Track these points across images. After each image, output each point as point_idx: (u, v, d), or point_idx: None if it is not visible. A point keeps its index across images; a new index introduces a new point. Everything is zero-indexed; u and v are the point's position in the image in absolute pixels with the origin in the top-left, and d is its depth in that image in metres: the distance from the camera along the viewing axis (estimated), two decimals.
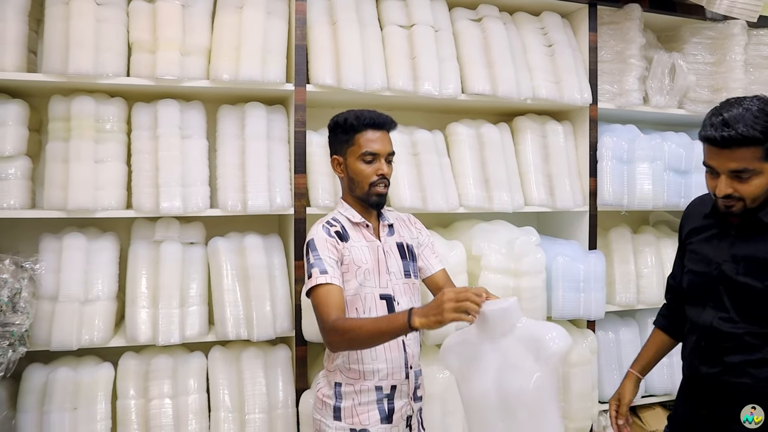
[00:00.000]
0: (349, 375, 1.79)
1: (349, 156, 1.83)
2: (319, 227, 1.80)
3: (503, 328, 1.54)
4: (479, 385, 1.55)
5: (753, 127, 1.48)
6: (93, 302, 2.12)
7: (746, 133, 1.48)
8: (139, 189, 2.17)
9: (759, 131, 1.48)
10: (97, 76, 2.10)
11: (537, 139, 2.70)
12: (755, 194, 1.55)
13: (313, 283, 1.69)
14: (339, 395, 1.79)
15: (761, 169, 1.52)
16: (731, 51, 2.89)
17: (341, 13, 2.37)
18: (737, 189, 1.55)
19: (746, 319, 1.60)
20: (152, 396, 2.14)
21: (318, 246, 1.75)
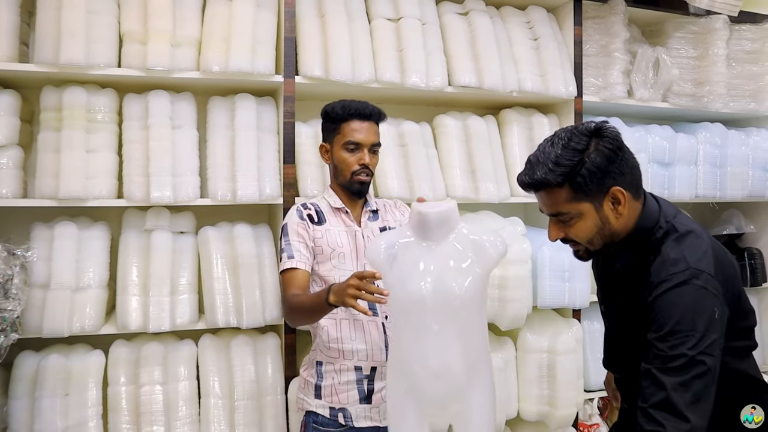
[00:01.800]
0: (329, 354, 1.85)
1: (335, 144, 1.92)
2: (293, 210, 1.93)
3: (442, 231, 1.56)
4: (416, 287, 1.52)
5: (550, 171, 1.35)
6: (84, 290, 2.14)
7: (542, 178, 1.36)
8: (130, 178, 2.20)
9: (558, 175, 1.35)
10: (88, 66, 2.12)
11: (523, 131, 2.74)
12: (585, 237, 1.42)
13: (281, 267, 1.85)
14: (320, 374, 1.86)
15: (579, 210, 1.39)
16: (714, 45, 2.94)
17: (330, 6, 2.40)
18: (567, 233, 1.44)
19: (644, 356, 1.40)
20: (143, 383, 2.16)
21: (289, 230, 1.88)
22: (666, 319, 1.28)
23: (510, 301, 2.40)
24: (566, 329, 2.64)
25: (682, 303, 1.29)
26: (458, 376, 1.54)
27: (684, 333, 1.26)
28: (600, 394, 2.81)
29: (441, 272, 1.52)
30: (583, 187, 1.35)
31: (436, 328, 1.52)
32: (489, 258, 1.56)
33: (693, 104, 2.96)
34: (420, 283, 1.52)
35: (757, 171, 3.05)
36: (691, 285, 1.30)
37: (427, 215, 1.55)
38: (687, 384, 1.23)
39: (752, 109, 3.11)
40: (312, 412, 1.85)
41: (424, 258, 1.55)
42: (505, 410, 2.50)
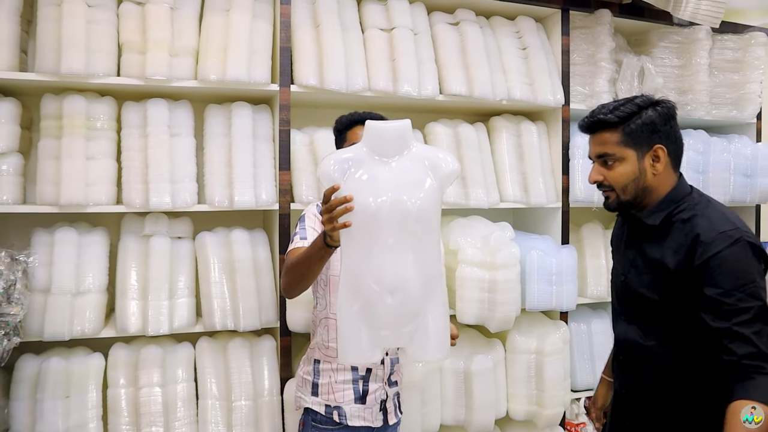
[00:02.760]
0: (327, 353, 1.90)
1: None
2: (312, 205, 1.99)
3: (397, 147, 1.53)
4: (372, 200, 1.48)
5: (611, 112, 1.56)
6: (84, 294, 2.18)
7: (602, 117, 1.57)
8: (129, 185, 2.25)
9: (616, 116, 1.55)
10: (88, 75, 2.16)
11: (512, 138, 2.81)
12: (621, 182, 1.58)
13: (292, 246, 1.84)
14: (317, 372, 1.91)
15: (623, 155, 1.56)
16: (696, 55, 3.02)
17: (324, 17, 2.45)
18: (605, 176, 1.60)
19: (652, 333, 1.59)
20: (142, 385, 2.21)
21: (307, 218, 1.91)
22: (727, 277, 1.41)
23: (499, 304, 2.46)
24: (554, 331, 2.71)
25: (739, 261, 1.43)
26: (413, 293, 1.50)
27: (748, 287, 1.41)
28: (586, 393, 2.88)
29: (397, 186, 1.49)
30: (632, 135, 1.54)
31: (391, 242, 1.48)
32: (443, 174, 1.53)
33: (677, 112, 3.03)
34: (375, 196, 1.48)
35: (738, 177, 3.13)
36: (742, 242, 1.45)
37: (384, 129, 1.53)
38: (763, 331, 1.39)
39: (734, 117, 3.20)
40: (309, 410, 1.90)
41: (378, 172, 1.52)
42: (494, 409, 2.56)
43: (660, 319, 1.57)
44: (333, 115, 2.73)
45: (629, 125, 1.54)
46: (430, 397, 2.47)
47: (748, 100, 3.18)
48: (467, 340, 2.70)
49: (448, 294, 2.52)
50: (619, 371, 1.75)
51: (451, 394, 2.53)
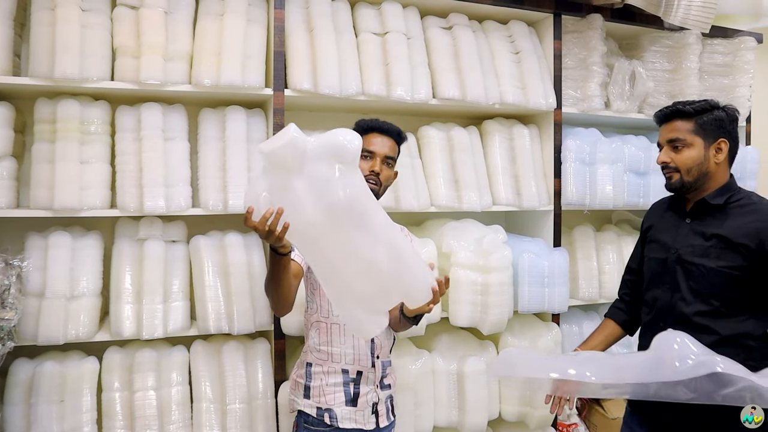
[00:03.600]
0: (319, 356, 1.94)
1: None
2: None
3: (297, 157, 1.50)
4: (300, 215, 1.51)
5: (686, 104, 1.83)
6: (78, 298, 2.19)
7: (680, 107, 1.84)
8: (123, 189, 2.25)
9: (691, 108, 1.82)
10: (82, 80, 2.16)
11: (504, 141, 2.84)
12: (687, 165, 1.83)
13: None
14: (309, 375, 1.95)
15: (692, 141, 1.82)
16: (687, 59, 3.05)
17: (318, 21, 2.46)
18: (673, 159, 1.85)
19: (698, 298, 1.79)
20: (136, 388, 2.22)
21: None
22: None
23: (492, 306, 2.48)
24: (546, 333, 2.74)
25: None
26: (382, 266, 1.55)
27: None
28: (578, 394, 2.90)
29: (317, 191, 1.50)
30: (703, 126, 1.81)
31: (338, 237, 1.52)
32: (351, 154, 1.51)
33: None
34: (302, 210, 1.50)
35: None
36: None
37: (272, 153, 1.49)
38: None
39: None
40: (302, 412, 1.94)
41: (297, 187, 1.51)
42: (487, 411, 2.59)
43: (712, 286, 1.78)
44: (327, 119, 2.78)
45: (702, 117, 1.81)
46: (423, 399, 2.49)
47: (738, 104, 3.21)
48: (460, 342, 2.72)
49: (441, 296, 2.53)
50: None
51: (444, 395, 2.55)
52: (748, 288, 1.76)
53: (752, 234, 1.74)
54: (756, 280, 1.75)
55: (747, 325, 1.76)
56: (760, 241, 1.73)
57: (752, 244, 1.74)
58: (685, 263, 1.84)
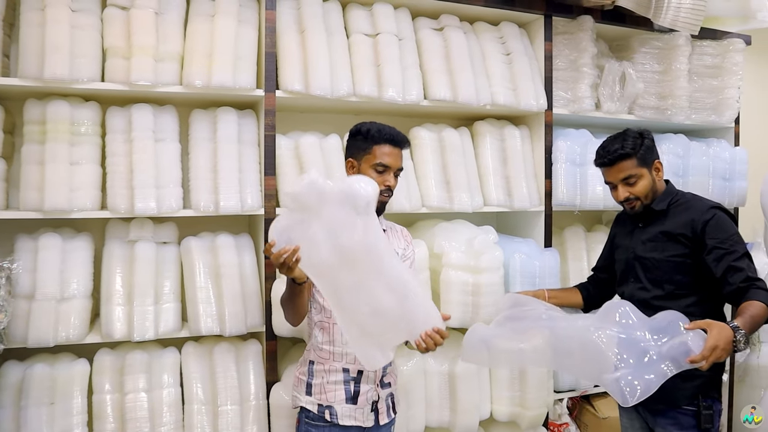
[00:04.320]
0: (321, 354, 1.98)
1: (363, 163, 1.99)
2: None
3: (315, 200, 1.66)
4: (316, 253, 1.67)
5: (624, 145, 2.13)
6: (69, 300, 2.18)
7: (621, 151, 2.13)
8: (114, 190, 2.24)
9: (629, 148, 2.13)
10: (72, 81, 2.15)
11: (495, 142, 2.85)
12: (644, 192, 2.16)
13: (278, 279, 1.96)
14: (311, 372, 1.99)
15: (641, 173, 2.15)
16: (676, 61, 3.07)
17: (309, 22, 2.46)
18: (631, 191, 2.16)
19: (654, 285, 2.15)
20: (127, 390, 2.21)
21: None
22: (722, 232, 2.04)
23: (483, 306, 2.49)
24: None
25: (726, 222, 2.07)
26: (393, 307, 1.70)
27: (735, 237, 2.05)
28: (569, 394, 2.92)
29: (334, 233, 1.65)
30: (643, 157, 2.13)
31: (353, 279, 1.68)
32: (366, 200, 1.64)
33: (657, 116, 3.09)
34: (319, 252, 1.66)
35: (717, 180, 3.19)
36: (723, 212, 2.11)
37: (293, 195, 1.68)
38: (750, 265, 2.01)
39: (713, 121, 3.26)
40: (304, 408, 1.98)
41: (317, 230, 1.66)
42: (478, 411, 2.59)
43: (663, 273, 2.12)
44: (318, 120, 2.78)
45: (639, 151, 2.13)
46: (414, 400, 2.49)
47: (727, 105, 3.24)
48: (451, 342, 2.70)
49: (433, 297, 2.54)
50: None
51: (435, 396, 2.55)
52: (691, 271, 2.09)
53: (687, 225, 2.10)
54: (696, 263, 2.08)
55: (693, 304, 2.08)
56: (693, 229, 2.09)
57: (688, 233, 2.10)
58: (640, 259, 2.21)
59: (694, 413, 2.06)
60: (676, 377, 1.94)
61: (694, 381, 2.04)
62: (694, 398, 2.06)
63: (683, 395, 2.06)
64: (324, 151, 2.52)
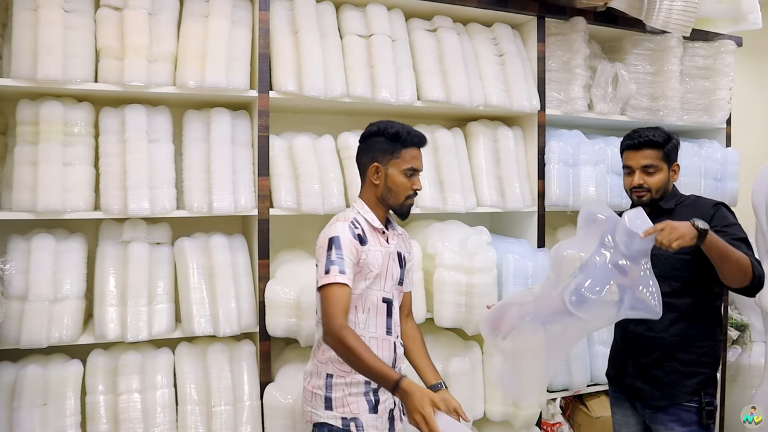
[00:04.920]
0: (341, 368, 1.87)
1: (391, 167, 1.91)
2: (345, 226, 1.85)
3: None
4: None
5: (656, 135, 2.15)
6: (62, 301, 2.17)
7: (653, 137, 2.14)
8: (107, 191, 2.24)
9: (660, 139, 2.14)
10: (65, 81, 2.15)
11: (489, 143, 2.86)
12: (657, 186, 2.15)
13: (331, 280, 1.75)
14: (330, 386, 1.89)
15: (661, 167, 2.14)
16: (668, 62, 3.09)
17: (303, 23, 2.47)
18: (646, 181, 2.15)
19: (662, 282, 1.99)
20: (121, 391, 2.21)
21: (343, 245, 1.81)
22: (726, 220, 2.06)
23: (476, 307, 2.49)
24: None
25: (730, 214, 2.10)
26: None
27: (738, 227, 2.06)
28: (562, 394, 2.94)
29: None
30: (668, 153, 2.16)
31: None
32: None
33: (649, 117, 3.11)
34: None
35: (708, 180, 3.20)
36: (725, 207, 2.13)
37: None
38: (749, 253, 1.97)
39: (704, 122, 3.28)
40: (324, 424, 1.88)
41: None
42: (471, 411, 2.60)
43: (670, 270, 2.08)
44: (312, 121, 2.78)
45: (667, 146, 2.15)
46: None
47: (718, 106, 3.26)
48: (445, 342, 2.73)
49: (426, 298, 2.55)
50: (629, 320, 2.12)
51: None
52: (695, 269, 2.07)
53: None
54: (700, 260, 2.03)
55: (696, 302, 2.10)
56: None
57: None
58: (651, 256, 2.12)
59: (696, 409, 2.09)
60: (677, 374, 2.09)
61: (696, 377, 2.09)
62: (695, 394, 2.09)
63: (685, 391, 2.09)
64: (318, 152, 2.52)
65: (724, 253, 1.85)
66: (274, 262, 2.53)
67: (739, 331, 3.58)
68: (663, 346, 2.12)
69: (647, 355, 2.15)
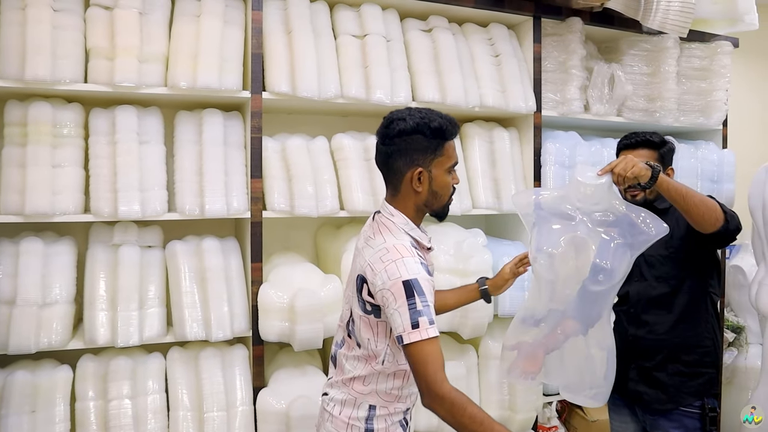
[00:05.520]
0: (386, 399, 1.72)
1: (435, 167, 1.64)
2: (416, 264, 1.55)
3: None
4: None
5: (653, 136, 2.18)
6: (51, 306, 2.14)
7: (649, 138, 2.17)
8: (98, 194, 2.21)
9: (657, 140, 2.17)
10: (54, 82, 2.12)
11: (484, 144, 2.83)
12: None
13: (425, 336, 1.49)
14: (371, 419, 1.71)
15: None
16: (665, 63, 3.07)
17: (296, 23, 2.43)
18: None
19: (660, 282, 2.15)
20: (111, 397, 2.17)
21: (425, 289, 1.52)
22: None
23: (472, 310, 2.47)
24: None
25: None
26: None
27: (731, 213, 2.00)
28: (558, 397, 2.92)
29: None
30: (663, 156, 2.17)
31: None
32: None
33: (646, 119, 3.09)
34: None
35: (705, 182, 3.19)
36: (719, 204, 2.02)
37: None
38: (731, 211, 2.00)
39: (701, 123, 3.26)
40: None
41: None
42: None
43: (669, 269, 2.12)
44: (305, 122, 2.76)
45: (663, 149, 2.17)
46: None
47: (715, 108, 3.25)
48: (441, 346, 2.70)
49: None
50: (628, 323, 2.24)
51: None
52: (692, 269, 2.11)
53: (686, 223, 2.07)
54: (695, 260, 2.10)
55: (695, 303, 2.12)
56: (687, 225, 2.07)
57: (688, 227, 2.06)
58: (645, 256, 2.11)
59: (699, 415, 2.07)
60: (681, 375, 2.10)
61: (700, 378, 2.10)
62: (699, 396, 2.09)
63: (687, 393, 2.09)
64: (311, 154, 2.49)
65: (684, 192, 1.89)
66: (267, 265, 2.50)
67: (735, 333, 3.57)
68: (666, 349, 2.12)
69: (650, 358, 2.15)
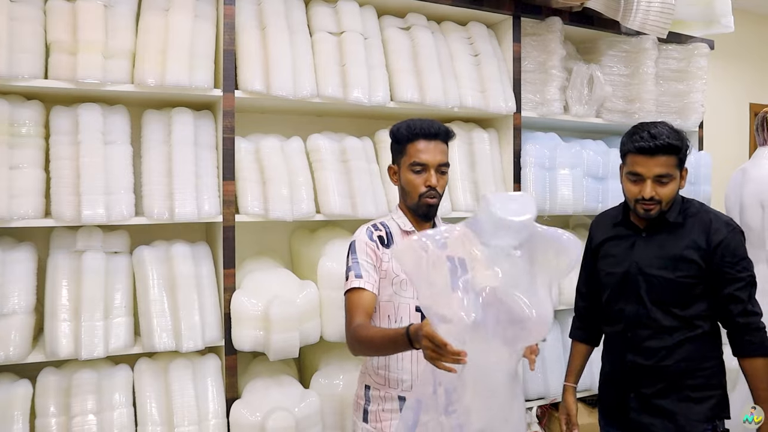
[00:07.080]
0: (376, 379, 1.84)
1: (402, 166, 1.87)
2: (363, 230, 1.85)
3: None
4: None
5: (674, 138, 1.80)
6: (8, 316, 2.01)
7: (671, 142, 1.79)
8: (59, 197, 2.09)
9: (677, 142, 1.80)
10: (11, 77, 1.99)
11: (463, 146, 2.77)
12: (670, 197, 1.85)
13: (348, 286, 1.75)
14: (368, 398, 1.86)
15: (675, 175, 1.83)
16: (643, 64, 3.05)
17: (271, 19, 2.35)
18: (658, 192, 1.82)
19: (660, 308, 1.89)
20: (74, 413, 2.05)
21: (357, 249, 1.80)
22: (739, 252, 1.84)
23: None
24: None
25: (740, 244, 1.86)
26: None
27: (745, 263, 1.84)
28: (538, 402, 2.88)
29: None
30: (681, 160, 1.84)
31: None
32: None
33: (624, 120, 3.07)
34: None
35: None
36: (740, 233, 1.88)
37: None
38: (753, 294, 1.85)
39: (678, 125, 3.22)
40: None
41: None
42: None
43: (671, 295, 1.87)
44: (280, 122, 2.67)
45: (684, 150, 1.83)
46: None
47: (692, 109, 3.25)
48: None
49: None
50: (625, 348, 1.96)
51: None
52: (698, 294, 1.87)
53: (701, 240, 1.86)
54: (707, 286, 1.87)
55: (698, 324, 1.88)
56: (707, 244, 1.85)
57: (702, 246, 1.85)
58: (646, 275, 1.91)
59: None
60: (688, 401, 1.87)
61: (708, 402, 1.88)
62: (710, 421, 1.87)
63: (697, 420, 1.86)
64: (286, 155, 2.40)
65: None
66: (240, 271, 2.40)
67: None
68: (668, 375, 1.88)
69: (651, 385, 1.91)
